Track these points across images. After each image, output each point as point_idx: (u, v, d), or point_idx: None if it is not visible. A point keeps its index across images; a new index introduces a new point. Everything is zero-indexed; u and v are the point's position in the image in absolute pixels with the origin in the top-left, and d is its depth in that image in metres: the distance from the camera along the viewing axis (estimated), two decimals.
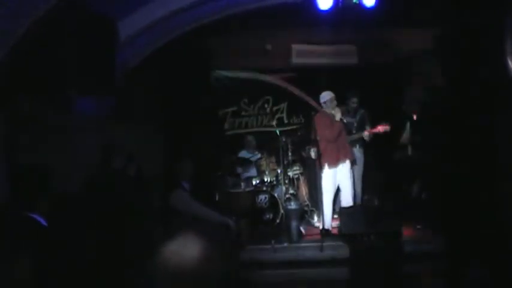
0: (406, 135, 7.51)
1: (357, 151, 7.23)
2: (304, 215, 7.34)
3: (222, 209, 6.10)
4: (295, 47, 8.80)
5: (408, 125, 7.49)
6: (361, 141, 7.25)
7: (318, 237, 6.41)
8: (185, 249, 1.25)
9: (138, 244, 3.82)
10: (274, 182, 7.41)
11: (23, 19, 4.23)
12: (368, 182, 7.55)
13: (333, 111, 6.71)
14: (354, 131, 7.22)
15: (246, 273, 5.56)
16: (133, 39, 5.96)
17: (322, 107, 6.92)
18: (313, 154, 7.10)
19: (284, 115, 9.21)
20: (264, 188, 7.26)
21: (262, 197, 7.14)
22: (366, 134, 7.03)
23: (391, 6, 6.45)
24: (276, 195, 7.11)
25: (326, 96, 6.77)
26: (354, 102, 7.39)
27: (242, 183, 7.38)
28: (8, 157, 4.46)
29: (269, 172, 7.51)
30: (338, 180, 6.81)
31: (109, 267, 3.59)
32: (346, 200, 6.80)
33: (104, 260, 3.61)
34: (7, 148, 4.51)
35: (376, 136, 7.04)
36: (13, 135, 4.61)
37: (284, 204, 6.89)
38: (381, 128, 6.94)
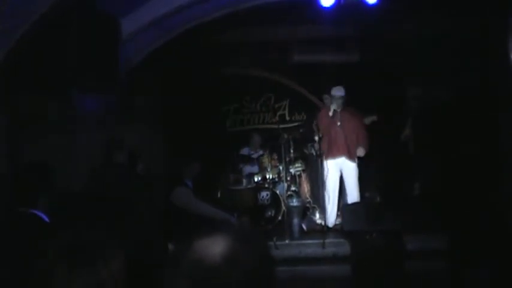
0: (407, 132, 7.51)
1: None
2: (306, 212, 7.34)
3: (223, 206, 6.11)
4: (297, 44, 8.79)
5: (410, 121, 7.49)
6: None
7: (320, 234, 6.42)
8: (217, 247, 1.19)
9: (139, 241, 3.83)
10: (276, 179, 7.41)
11: (25, 17, 4.24)
12: (370, 179, 7.55)
13: (331, 105, 6.76)
14: None
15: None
16: (136, 37, 5.96)
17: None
18: (314, 151, 7.11)
19: (286, 112, 9.19)
20: (266, 185, 7.26)
21: (264, 194, 7.13)
22: None
23: (393, 4, 6.44)
24: (277, 192, 7.11)
25: (335, 91, 6.82)
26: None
27: (244, 180, 7.37)
28: (10, 155, 4.48)
29: (271, 169, 7.50)
30: (344, 177, 6.82)
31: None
32: (352, 198, 6.80)
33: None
34: (10, 146, 4.52)
35: (377, 134, 7.04)
36: (16, 132, 4.62)
37: (286, 201, 6.89)
38: (367, 120, 6.95)
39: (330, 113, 6.75)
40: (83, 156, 5.39)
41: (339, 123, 6.78)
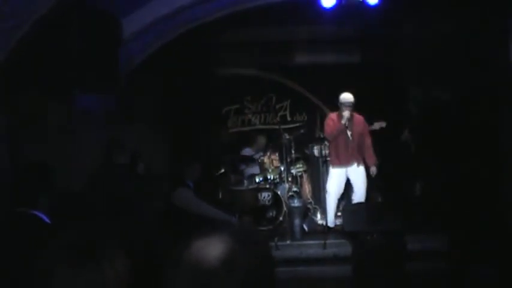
0: (407, 133, 7.50)
1: None
2: (307, 213, 7.33)
3: (224, 206, 6.10)
4: (299, 44, 8.79)
5: (410, 122, 7.49)
6: None
7: (321, 234, 6.41)
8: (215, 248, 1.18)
9: (139, 241, 3.83)
10: (277, 180, 7.38)
11: (26, 17, 4.24)
12: (370, 179, 7.55)
13: (343, 113, 6.63)
14: None
15: None
16: (137, 37, 5.96)
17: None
18: (316, 152, 7.08)
19: (287, 113, 9.19)
20: (267, 186, 7.23)
21: (265, 194, 7.11)
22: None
23: (395, 5, 6.44)
24: (279, 192, 7.10)
25: (345, 99, 6.58)
26: None
27: (245, 181, 7.36)
28: (10, 155, 4.48)
29: (272, 170, 7.49)
30: (352, 181, 6.76)
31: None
32: (359, 199, 6.75)
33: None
34: (10, 146, 4.52)
35: (378, 134, 7.03)
36: (16, 132, 4.62)
37: (287, 202, 6.88)
38: (376, 125, 6.90)
39: (343, 121, 6.58)
40: (83, 156, 5.39)
41: (349, 131, 6.65)
